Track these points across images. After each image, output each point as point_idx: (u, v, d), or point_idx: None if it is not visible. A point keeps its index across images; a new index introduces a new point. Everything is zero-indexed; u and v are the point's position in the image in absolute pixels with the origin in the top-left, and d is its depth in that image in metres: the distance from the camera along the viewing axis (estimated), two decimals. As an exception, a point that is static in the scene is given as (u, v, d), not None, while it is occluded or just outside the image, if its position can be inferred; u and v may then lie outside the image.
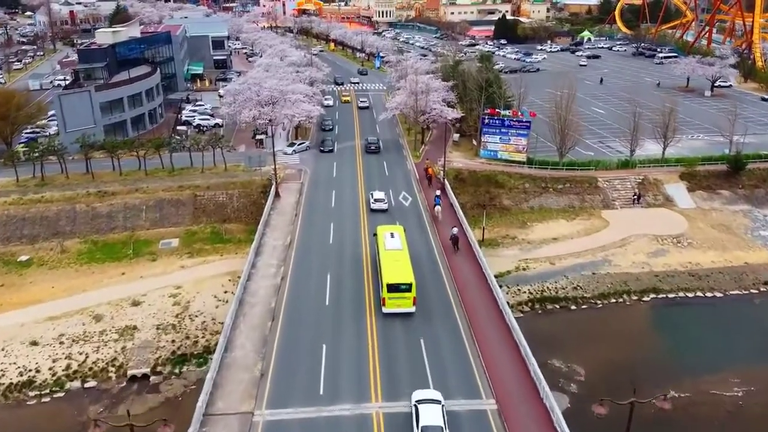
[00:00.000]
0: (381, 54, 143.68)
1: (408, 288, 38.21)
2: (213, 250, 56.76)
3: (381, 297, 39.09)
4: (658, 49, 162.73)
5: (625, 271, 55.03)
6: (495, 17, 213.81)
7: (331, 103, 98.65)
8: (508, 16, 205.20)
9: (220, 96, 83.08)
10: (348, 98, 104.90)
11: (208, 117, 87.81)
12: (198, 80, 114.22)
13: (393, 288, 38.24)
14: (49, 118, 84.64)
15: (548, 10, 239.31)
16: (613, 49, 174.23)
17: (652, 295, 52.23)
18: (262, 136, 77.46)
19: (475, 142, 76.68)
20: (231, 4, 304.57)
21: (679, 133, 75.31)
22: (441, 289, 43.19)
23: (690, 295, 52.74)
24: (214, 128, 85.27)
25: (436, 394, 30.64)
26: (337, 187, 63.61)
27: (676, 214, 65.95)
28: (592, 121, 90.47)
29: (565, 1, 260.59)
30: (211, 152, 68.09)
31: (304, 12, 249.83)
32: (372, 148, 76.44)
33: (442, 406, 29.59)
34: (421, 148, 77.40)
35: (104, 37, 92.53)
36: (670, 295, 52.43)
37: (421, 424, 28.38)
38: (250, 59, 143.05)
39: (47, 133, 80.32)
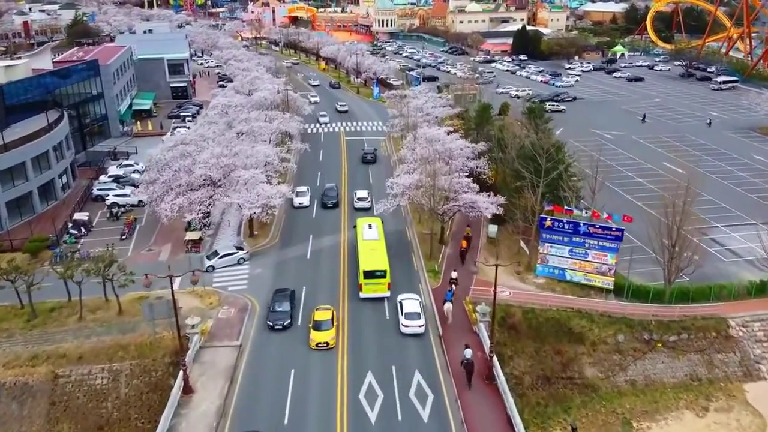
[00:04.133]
0: (380, 77, 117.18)
1: (383, 274, 41.40)
2: None
3: (358, 283, 41.74)
4: (709, 69, 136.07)
5: None
6: (509, 26, 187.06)
7: (306, 202, 59.31)
8: (525, 26, 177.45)
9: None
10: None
11: (131, 190, 59.26)
12: (139, 120, 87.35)
13: (369, 274, 41.30)
14: None
15: (567, 18, 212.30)
16: (655, 68, 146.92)
17: None
18: (197, 234, 50.85)
19: (524, 246, 49.75)
20: (218, 10, 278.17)
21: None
22: None
23: None
24: (137, 207, 58.29)
25: (415, 296, 41.09)
26: (299, 365, 36.43)
27: None
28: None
29: (586, 8, 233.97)
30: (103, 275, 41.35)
31: (295, 20, 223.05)
32: (368, 158, 73.02)
33: (420, 301, 40.23)
34: (441, 252, 50.31)
35: (-9, 73, 65.60)
36: None
37: (404, 311, 38.46)
38: (221, 83, 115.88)
39: None
